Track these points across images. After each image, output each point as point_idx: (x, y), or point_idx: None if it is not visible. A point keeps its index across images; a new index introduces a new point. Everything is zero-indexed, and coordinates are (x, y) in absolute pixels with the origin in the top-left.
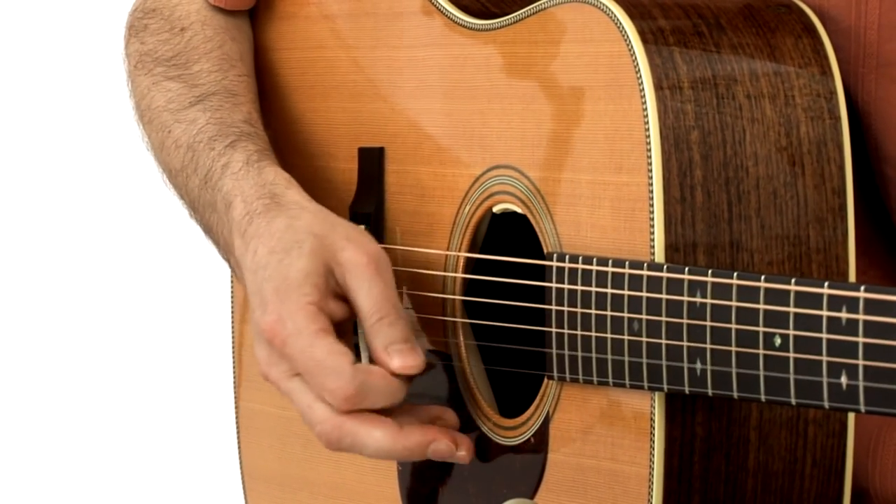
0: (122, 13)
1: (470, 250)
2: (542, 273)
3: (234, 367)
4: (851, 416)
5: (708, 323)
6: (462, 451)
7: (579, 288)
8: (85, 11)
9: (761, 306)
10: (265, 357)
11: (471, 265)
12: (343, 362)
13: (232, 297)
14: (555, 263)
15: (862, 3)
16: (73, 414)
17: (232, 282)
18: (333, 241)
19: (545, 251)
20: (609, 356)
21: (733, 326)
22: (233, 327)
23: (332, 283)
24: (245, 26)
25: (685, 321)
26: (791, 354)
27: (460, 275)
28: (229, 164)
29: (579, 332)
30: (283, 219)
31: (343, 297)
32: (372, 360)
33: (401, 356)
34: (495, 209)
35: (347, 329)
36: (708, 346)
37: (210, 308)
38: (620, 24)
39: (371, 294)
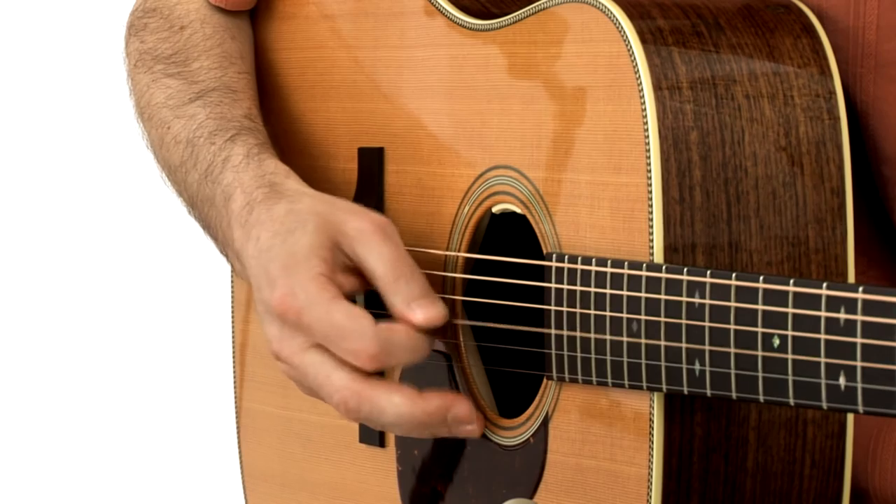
0: (121, 13)
1: (469, 250)
2: (541, 273)
3: (233, 367)
4: (850, 417)
5: (707, 324)
6: (474, 425)
7: (578, 288)
8: (85, 11)
9: (760, 307)
10: (277, 334)
11: (470, 265)
12: (364, 323)
13: (232, 297)
14: (554, 264)
15: (860, 4)
16: (74, 414)
17: (232, 282)
18: (336, 214)
19: (544, 251)
20: (608, 357)
21: (732, 327)
22: (233, 327)
23: (340, 257)
24: (245, 25)
25: (684, 322)
26: (789, 355)
27: (460, 275)
28: (230, 157)
29: (578, 333)
30: (284, 204)
31: (354, 270)
32: None
33: (423, 309)
34: (494, 209)
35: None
36: (707, 346)
37: (210, 308)
38: (619, 24)
39: (383, 257)
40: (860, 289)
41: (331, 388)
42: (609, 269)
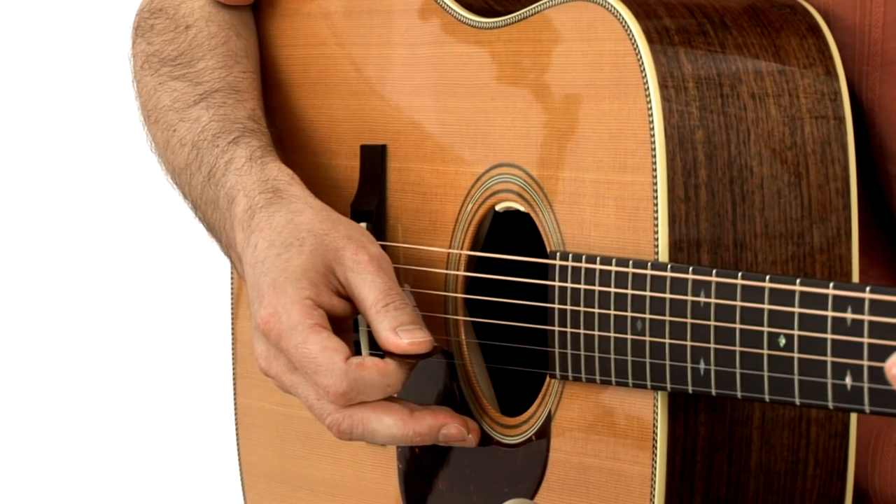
0: (125, 14)
1: (472, 248)
2: (544, 271)
3: (232, 364)
4: (853, 417)
5: (712, 323)
6: (471, 436)
7: (582, 287)
8: (90, 12)
9: (766, 306)
10: (264, 352)
11: (473, 263)
12: (335, 359)
13: (231, 294)
14: (558, 262)
15: (867, 2)
16: (73, 412)
17: (231, 279)
18: (334, 239)
19: (548, 250)
20: (612, 355)
21: (738, 326)
22: (232, 324)
23: (333, 281)
24: (250, 22)
25: (689, 321)
26: (795, 355)
27: (462, 273)
28: (233, 160)
29: (582, 331)
30: (285, 213)
31: (344, 296)
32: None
33: (409, 334)
34: (498, 207)
35: (347, 327)
36: (712, 345)
37: (209, 305)
38: (626, 23)
39: (375, 284)
40: (867, 289)
41: (322, 410)
42: (613, 268)
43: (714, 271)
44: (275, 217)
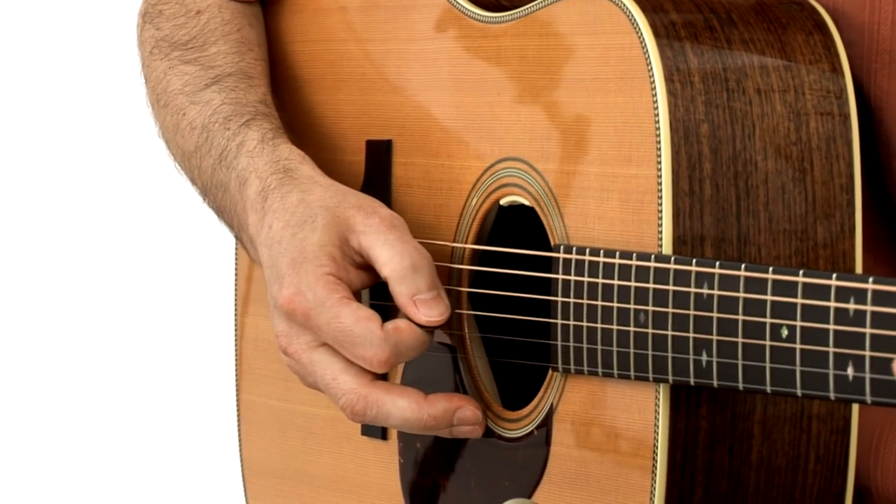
0: (122, 7)
1: (477, 242)
2: (548, 265)
3: (236, 361)
4: (855, 413)
5: (715, 314)
6: (477, 426)
7: (586, 279)
8: (94, 5)
9: (769, 297)
10: (284, 330)
11: (477, 257)
12: (371, 328)
13: (235, 290)
14: (562, 255)
15: (876, 0)
16: (75, 409)
17: (235, 275)
18: (345, 209)
19: (552, 243)
20: (615, 348)
21: (740, 318)
22: (235, 320)
23: (349, 252)
24: (260, 16)
25: (692, 312)
26: (798, 346)
27: (466, 266)
28: (244, 142)
29: (585, 324)
30: (297, 193)
31: (363, 265)
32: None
33: (426, 306)
34: (502, 201)
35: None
36: (714, 337)
37: (212, 301)
38: (633, 16)
39: (389, 245)
40: (870, 279)
41: (337, 390)
42: (617, 261)
43: (717, 263)
44: (287, 197)
